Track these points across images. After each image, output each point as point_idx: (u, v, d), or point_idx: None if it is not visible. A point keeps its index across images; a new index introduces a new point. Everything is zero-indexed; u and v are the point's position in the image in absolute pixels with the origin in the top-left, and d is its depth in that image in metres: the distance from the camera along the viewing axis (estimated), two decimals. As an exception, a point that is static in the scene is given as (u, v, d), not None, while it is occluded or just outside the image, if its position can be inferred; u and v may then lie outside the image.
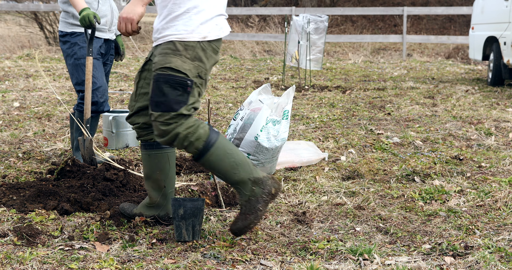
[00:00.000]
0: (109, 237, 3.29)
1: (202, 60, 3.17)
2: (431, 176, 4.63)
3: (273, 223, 3.61)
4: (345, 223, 3.63)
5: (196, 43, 3.15)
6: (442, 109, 7.50)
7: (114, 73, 10.65)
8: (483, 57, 10.35)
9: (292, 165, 4.85)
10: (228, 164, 3.21)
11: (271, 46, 16.76)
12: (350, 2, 23.54)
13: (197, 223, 3.26)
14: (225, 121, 6.71)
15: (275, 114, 4.53)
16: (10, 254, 3.00)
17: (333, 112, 7.27)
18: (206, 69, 3.20)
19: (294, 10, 15.39)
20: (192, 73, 3.15)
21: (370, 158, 5.12)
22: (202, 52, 3.16)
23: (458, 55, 15.88)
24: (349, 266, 2.99)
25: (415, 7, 17.35)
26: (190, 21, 3.13)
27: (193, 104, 3.20)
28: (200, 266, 2.96)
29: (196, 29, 3.14)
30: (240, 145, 4.44)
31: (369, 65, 13.22)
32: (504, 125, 6.48)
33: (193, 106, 3.21)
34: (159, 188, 3.47)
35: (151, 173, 3.47)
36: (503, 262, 3.04)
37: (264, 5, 23.30)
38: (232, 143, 3.31)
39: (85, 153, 4.38)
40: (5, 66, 11.52)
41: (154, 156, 3.45)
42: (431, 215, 3.80)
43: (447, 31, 20.58)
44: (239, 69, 12.04)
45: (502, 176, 4.64)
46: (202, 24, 3.15)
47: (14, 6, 17.77)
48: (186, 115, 3.17)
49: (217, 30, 3.20)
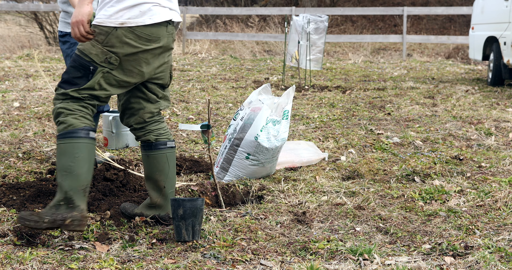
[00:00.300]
0: (109, 237, 3.29)
1: (114, 46, 3.17)
2: (431, 176, 4.63)
3: (273, 223, 3.61)
4: (345, 223, 3.63)
5: (112, 28, 3.17)
6: (442, 109, 7.50)
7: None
8: (483, 57, 10.35)
9: (292, 165, 4.85)
10: (64, 164, 3.14)
11: (271, 46, 16.76)
12: (350, 2, 23.54)
13: (197, 223, 3.26)
14: (225, 121, 6.71)
15: (275, 114, 4.53)
16: (10, 254, 3.00)
17: (333, 112, 7.28)
18: (119, 55, 3.18)
19: (294, 10, 15.39)
20: (99, 58, 3.18)
21: (370, 158, 5.12)
22: (116, 38, 3.17)
23: (458, 55, 15.88)
24: (349, 266, 2.99)
25: (415, 7, 17.36)
26: (111, 7, 3.19)
27: (91, 90, 3.20)
28: (200, 266, 2.96)
29: (114, 15, 3.17)
30: (240, 145, 4.44)
31: (369, 65, 13.22)
32: (504, 125, 6.48)
33: (89, 92, 3.20)
34: (159, 188, 3.47)
35: (151, 174, 3.47)
36: (503, 262, 3.04)
37: (264, 5, 23.30)
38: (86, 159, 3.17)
39: (85, 153, 4.37)
40: (5, 66, 11.52)
41: (153, 157, 3.45)
42: (431, 215, 3.80)
43: (447, 31, 20.58)
44: (239, 69, 12.04)
45: (502, 176, 4.64)
46: (121, 11, 3.17)
47: (14, 6, 17.77)
48: (74, 98, 3.19)
49: (140, 16, 3.18)
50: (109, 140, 5.53)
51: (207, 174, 4.62)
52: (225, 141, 4.58)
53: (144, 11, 3.19)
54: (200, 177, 4.53)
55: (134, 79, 3.27)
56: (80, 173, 3.13)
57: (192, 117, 6.90)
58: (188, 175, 4.62)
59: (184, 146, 5.58)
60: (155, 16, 3.22)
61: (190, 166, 4.78)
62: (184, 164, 4.77)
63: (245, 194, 4.25)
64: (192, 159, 4.93)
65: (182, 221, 3.24)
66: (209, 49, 15.79)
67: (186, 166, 4.76)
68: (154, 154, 3.45)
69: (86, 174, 3.15)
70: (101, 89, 3.22)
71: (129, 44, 3.19)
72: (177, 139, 5.85)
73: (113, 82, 3.23)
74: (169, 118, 6.82)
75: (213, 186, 4.15)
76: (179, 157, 4.93)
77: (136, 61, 3.24)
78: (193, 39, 16.26)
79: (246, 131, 4.43)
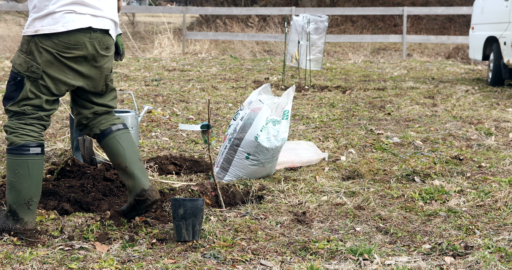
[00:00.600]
0: (109, 237, 3.29)
1: (33, 54, 3.23)
2: (431, 176, 4.63)
3: (273, 223, 3.61)
4: (345, 223, 3.63)
5: (30, 37, 3.24)
6: (442, 109, 7.50)
7: (114, 73, 10.64)
8: (483, 57, 10.35)
9: (292, 165, 4.85)
10: (8, 178, 3.27)
11: (271, 46, 16.76)
12: (350, 2, 23.54)
13: (197, 223, 3.27)
14: (225, 121, 6.71)
15: (275, 114, 4.53)
16: (10, 254, 3.00)
17: (333, 112, 7.28)
18: (38, 63, 3.23)
19: (294, 10, 15.40)
20: (23, 67, 3.25)
21: (370, 158, 5.12)
22: (35, 46, 3.24)
23: (458, 55, 15.88)
24: (349, 266, 2.99)
25: (415, 7, 17.36)
26: (30, 17, 3.28)
27: (27, 100, 3.25)
28: (200, 266, 2.96)
29: (31, 24, 3.25)
30: (240, 145, 4.44)
31: (369, 65, 13.22)
32: (504, 125, 6.48)
33: (27, 103, 3.26)
34: (124, 170, 3.47)
35: (113, 161, 3.52)
36: (503, 262, 3.04)
37: (264, 5, 23.30)
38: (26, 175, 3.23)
39: (85, 153, 4.38)
40: (5, 66, 11.52)
41: (105, 145, 3.51)
42: (431, 215, 3.80)
43: (447, 31, 20.58)
44: (239, 69, 12.04)
45: (502, 176, 4.64)
46: (36, 20, 3.24)
47: (14, 6, 17.77)
48: (16, 113, 3.26)
49: (53, 24, 3.22)
50: (109, 140, 5.53)
51: (207, 174, 4.62)
52: (225, 141, 4.58)
53: (56, 18, 3.23)
54: (200, 177, 4.53)
55: (63, 86, 3.31)
56: (20, 188, 3.22)
57: (192, 117, 6.90)
58: (188, 175, 4.62)
59: (184, 146, 5.58)
60: (69, 23, 3.24)
61: (190, 166, 4.78)
62: (184, 164, 4.77)
63: (245, 194, 4.25)
64: (192, 159, 4.93)
65: (182, 221, 3.24)
66: (209, 49, 15.79)
67: (186, 166, 4.76)
68: (105, 142, 3.50)
69: (27, 189, 3.23)
70: (36, 97, 3.27)
71: (47, 51, 3.23)
72: (177, 139, 5.85)
73: (44, 90, 3.27)
74: (169, 118, 6.82)
75: (213, 186, 4.15)
76: (179, 157, 4.93)
77: (59, 68, 3.27)
78: (193, 39, 16.26)
79: (246, 131, 4.43)
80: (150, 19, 25.68)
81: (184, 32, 15.75)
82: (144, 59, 13.61)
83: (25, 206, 3.23)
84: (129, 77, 10.35)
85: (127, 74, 10.66)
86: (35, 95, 3.25)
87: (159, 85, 9.47)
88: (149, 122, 6.60)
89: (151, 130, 6.23)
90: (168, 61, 13.10)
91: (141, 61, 13.02)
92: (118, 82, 9.79)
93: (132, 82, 9.74)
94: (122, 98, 8.10)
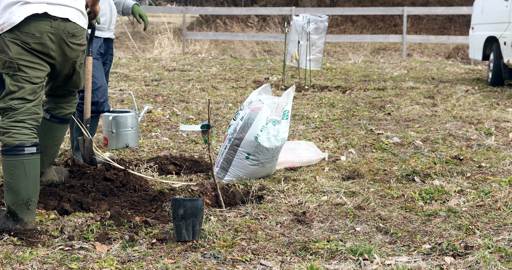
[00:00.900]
0: (109, 237, 3.29)
1: (4, 50, 3.33)
2: (431, 176, 4.63)
3: (273, 223, 3.61)
4: (345, 223, 3.63)
5: None
6: (442, 109, 7.50)
7: (114, 73, 10.66)
8: (483, 57, 10.35)
9: (292, 165, 4.85)
10: (5, 180, 3.29)
11: (271, 46, 16.76)
12: (350, 2, 23.54)
13: (197, 223, 3.26)
14: (225, 121, 6.71)
15: (275, 114, 4.53)
16: (10, 254, 3.00)
17: (333, 112, 7.28)
18: (11, 58, 3.31)
19: (294, 10, 15.39)
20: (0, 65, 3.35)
21: (370, 158, 5.12)
22: (3, 42, 3.32)
23: (458, 55, 15.88)
24: (349, 266, 2.99)
25: (415, 7, 17.36)
26: None
27: (11, 94, 3.32)
28: (200, 266, 2.96)
29: None
30: (240, 145, 4.44)
31: (369, 65, 13.22)
32: (504, 125, 6.48)
33: (12, 96, 3.33)
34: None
35: None
36: (503, 262, 3.04)
37: (264, 5, 23.30)
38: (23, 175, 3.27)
39: (85, 153, 4.38)
40: None
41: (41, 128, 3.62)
42: (431, 215, 3.80)
43: (447, 31, 20.58)
44: (239, 69, 12.04)
45: (502, 176, 4.64)
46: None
47: None
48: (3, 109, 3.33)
49: (11, 18, 3.30)
50: (109, 140, 5.53)
51: (207, 174, 4.62)
52: (225, 141, 4.58)
53: (13, 11, 3.30)
54: (200, 177, 4.53)
55: (40, 73, 3.38)
56: (18, 189, 3.24)
57: (192, 117, 6.90)
58: (188, 175, 4.62)
59: (184, 146, 5.58)
60: (23, 12, 3.31)
61: (190, 166, 4.78)
62: (184, 164, 4.77)
63: (245, 194, 4.25)
64: (192, 159, 4.93)
65: (182, 221, 3.24)
66: (209, 49, 15.79)
67: (186, 166, 4.76)
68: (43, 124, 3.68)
69: (25, 189, 3.24)
70: (20, 89, 3.33)
71: (14, 43, 3.31)
72: (177, 139, 5.85)
73: (23, 81, 3.33)
74: (169, 118, 6.82)
75: (213, 186, 4.15)
76: (179, 157, 4.93)
77: (30, 58, 3.34)
78: (193, 39, 16.26)
79: (246, 131, 4.43)
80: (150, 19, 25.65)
81: (184, 32, 15.75)
82: (144, 59, 13.61)
83: (24, 206, 3.24)
84: (129, 77, 10.35)
85: (127, 74, 10.66)
86: (18, 87, 3.31)
87: (159, 85, 9.47)
88: (149, 122, 6.60)
89: (151, 130, 6.23)
90: (168, 61, 13.10)
91: (141, 61, 13.02)
92: (118, 82, 9.79)
93: (132, 82, 9.74)
94: (122, 98, 8.10)
